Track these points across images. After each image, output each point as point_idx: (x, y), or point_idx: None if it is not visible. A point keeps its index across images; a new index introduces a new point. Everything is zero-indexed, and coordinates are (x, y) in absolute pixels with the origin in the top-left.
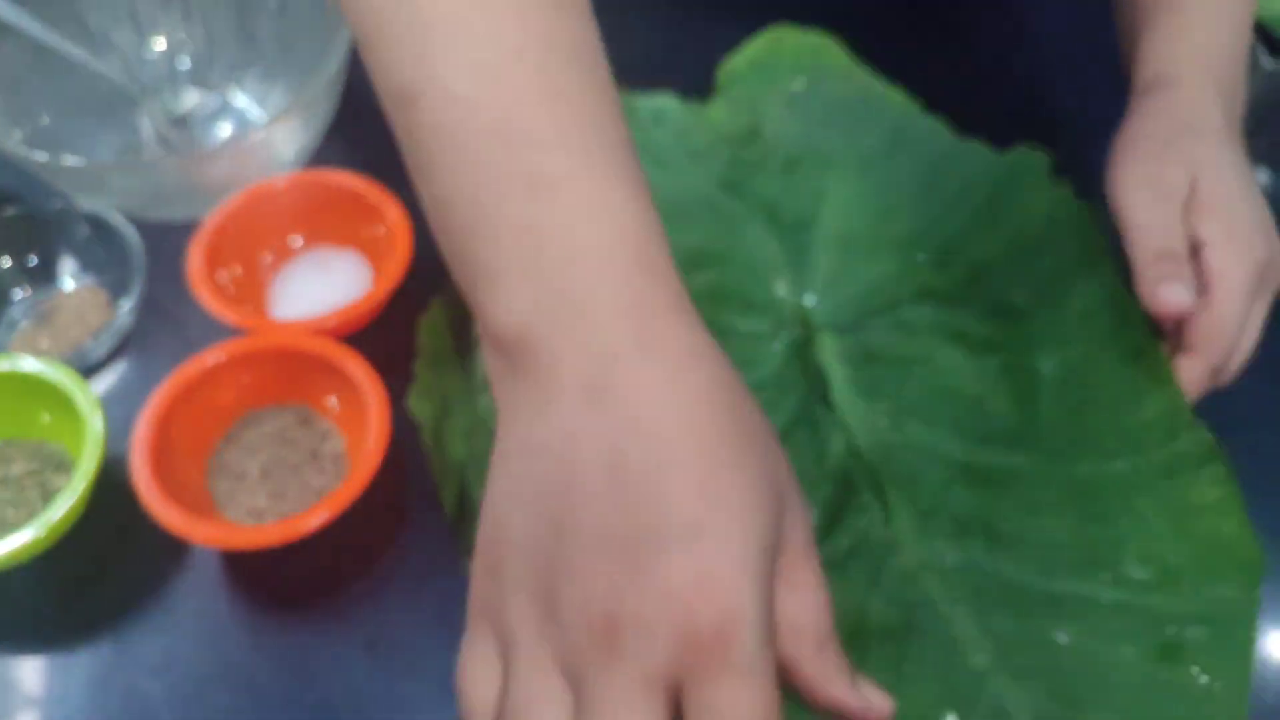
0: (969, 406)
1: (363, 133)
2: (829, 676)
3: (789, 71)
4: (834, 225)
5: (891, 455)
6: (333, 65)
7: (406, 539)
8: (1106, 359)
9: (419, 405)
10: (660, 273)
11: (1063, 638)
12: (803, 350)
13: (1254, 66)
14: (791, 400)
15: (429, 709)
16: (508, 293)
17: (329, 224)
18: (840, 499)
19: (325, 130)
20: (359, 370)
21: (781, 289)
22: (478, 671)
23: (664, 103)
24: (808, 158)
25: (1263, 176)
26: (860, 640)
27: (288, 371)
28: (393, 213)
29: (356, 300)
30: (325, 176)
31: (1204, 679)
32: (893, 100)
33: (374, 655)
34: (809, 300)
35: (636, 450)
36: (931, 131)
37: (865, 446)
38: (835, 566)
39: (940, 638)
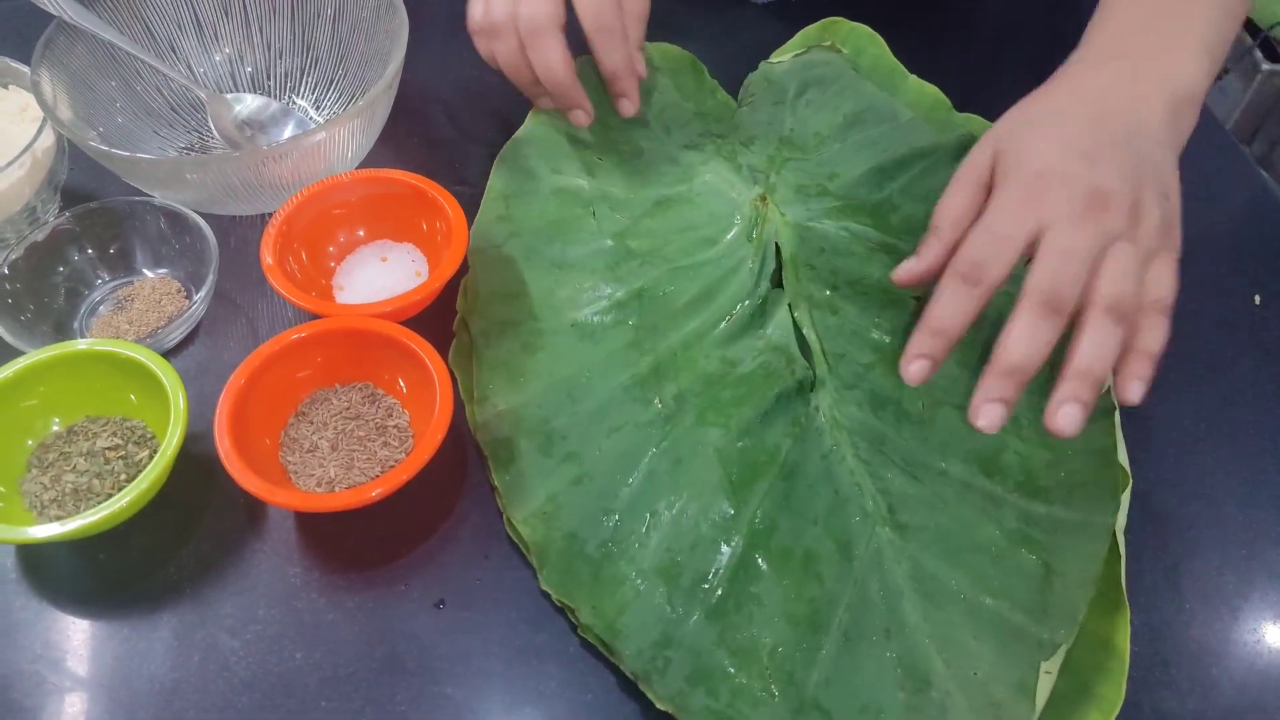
0: (898, 304)
1: (412, 136)
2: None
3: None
4: (788, 178)
5: (826, 334)
6: (390, 71)
7: (466, 507)
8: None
9: (456, 360)
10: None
11: (943, 506)
12: (759, 227)
13: (1251, 70)
14: (744, 276)
15: (491, 663)
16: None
17: (389, 218)
18: (777, 363)
19: (379, 133)
20: (425, 351)
21: (739, 195)
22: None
23: (661, 80)
24: (764, 135)
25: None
26: (765, 472)
27: (357, 352)
28: (449, 208)
29: (415, 288)
30: (386, 174)
31: (1044, 570)
32: (881, 85)
33: (438, 613)
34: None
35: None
36: (894, 112)
37: (804, 324)
38: (764, 413)
39: (838, 484)
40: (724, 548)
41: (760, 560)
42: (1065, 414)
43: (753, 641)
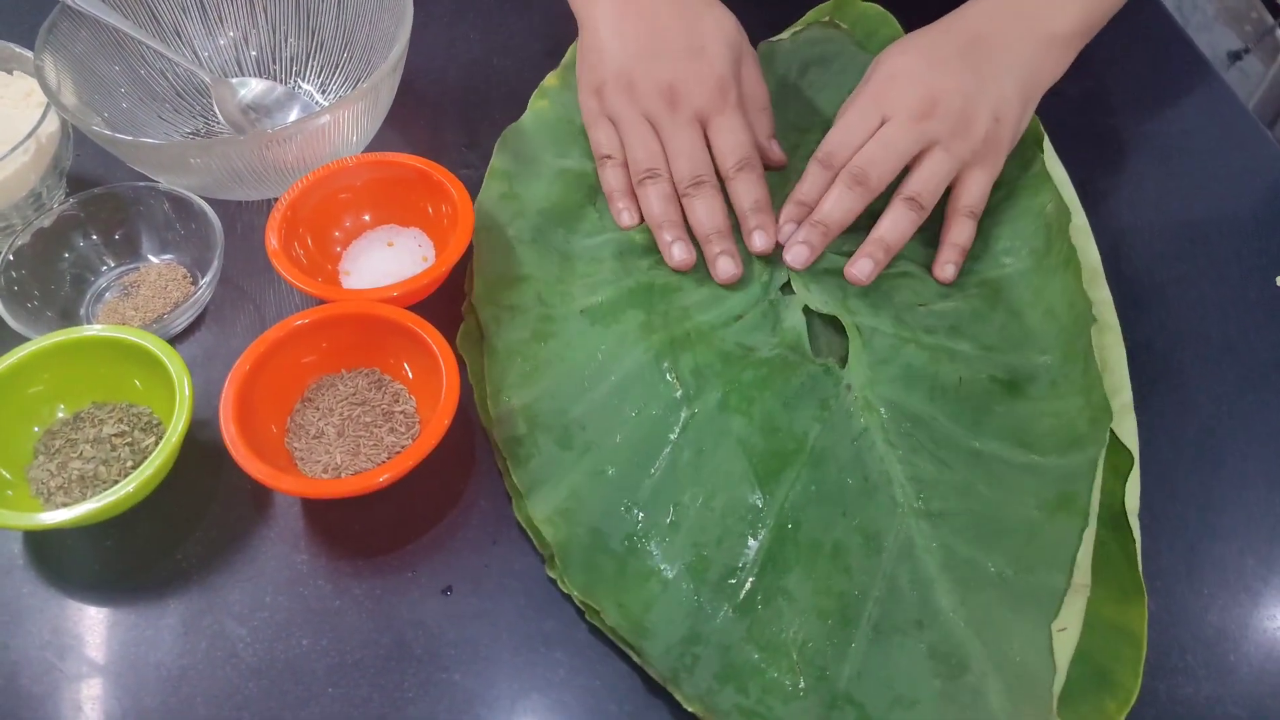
0: (912, 309)
1: (417, 120)
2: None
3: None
4: (798, 165)
5: (848, 317)
6: (395, 54)
7: (474, 492)
8: (1043, 270)
9: (464, 344)
10: None
11: (974, 493)
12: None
13: (1273, 51)
14: (755, 288)
15: (499, 650)
16: None
17: (395, 203)
18: (789, 358)
19: (384, 116)
20: (431, 336)
21: None
22: (601, 137)
23: None
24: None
25: None
26: (793, 460)
27: (363, 337)
28: (455, 192)
29: (421, 273)
30: (392, 158)
31: (1082, 523)
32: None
33: (446, 600)
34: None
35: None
36: None
37: (824, 308)
38: (790, 397)
39: (867, 471)
40: (751, 540)
41: (789, 553)
42: (859, 265)
43: (782, 636)
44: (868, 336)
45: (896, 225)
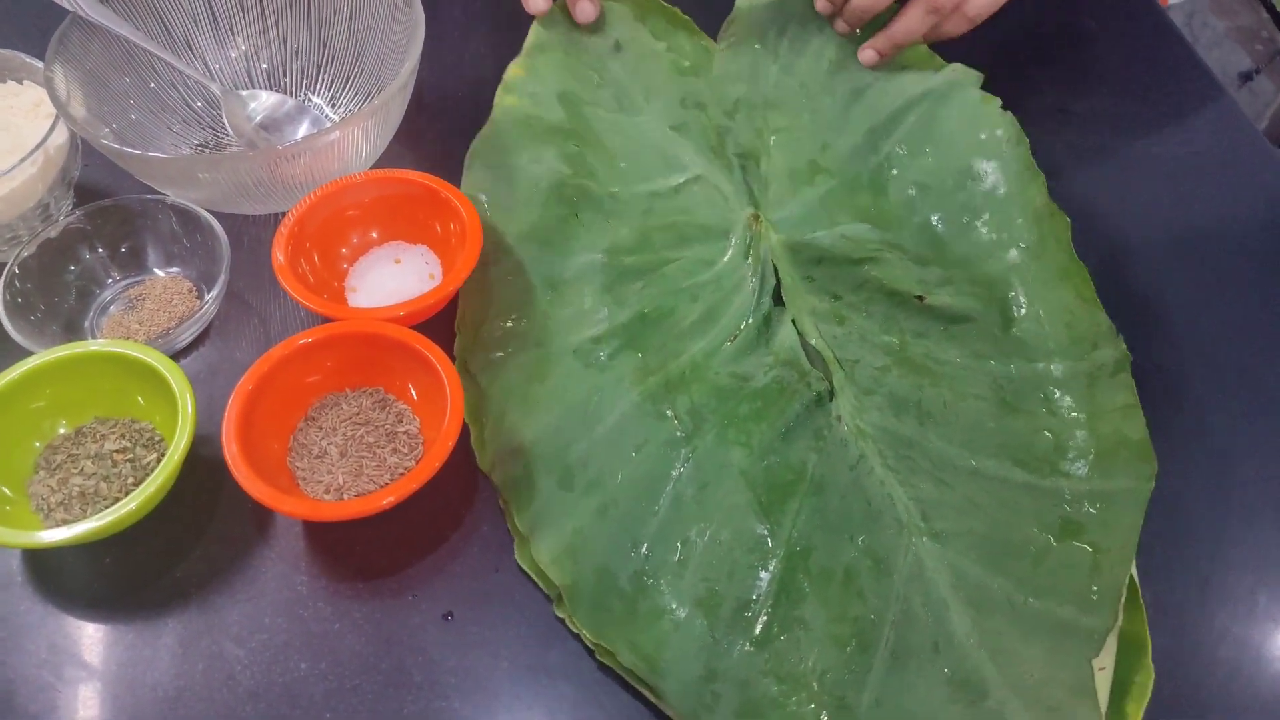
0: (906, 304)
1: (427, 136)
2: None
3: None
4: (779, 160)
5: (835, 343)
6: (406, 70)
7: (476, 516)
8: (1037, 273)
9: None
10: None
11: (976, 511)
12: (754, 248)
13: None
14: (745, 296)
15: (499, 679)
16: None
17: (403, 220)
18: (789, 377)
19: (394, 132)
20: (437, 357)
21: (733, 209)
22: None
23: (623, 28)
24: (748, 99)
25: None
26: (795, 490)
27: (368, 356)
28: (463, 210)
29: (428, 292)
30: (400, 175)
31: (1091, 551)
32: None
33: (446, 626)
34: (761, 212)
35: None
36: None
37: (811, 335)
38: (785, 430)
39: (869, 495)
40: (762, 573)
41: (801, 582)
42: (866, 54)
43: (800, 667)
44: (849, 370)
45: (910, 25)
